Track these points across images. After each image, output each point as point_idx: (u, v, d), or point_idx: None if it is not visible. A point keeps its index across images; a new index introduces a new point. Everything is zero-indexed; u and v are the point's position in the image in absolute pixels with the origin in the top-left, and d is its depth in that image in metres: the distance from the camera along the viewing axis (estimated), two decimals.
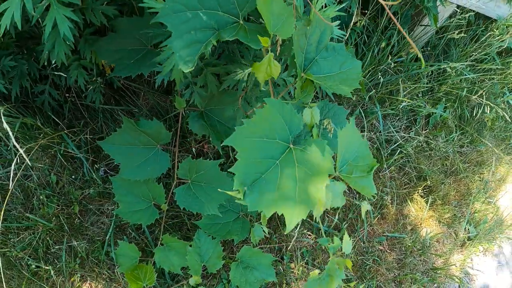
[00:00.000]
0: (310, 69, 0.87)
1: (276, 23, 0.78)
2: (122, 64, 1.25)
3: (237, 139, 0.68)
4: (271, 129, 0.71)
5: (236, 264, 1.48)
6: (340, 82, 0.86)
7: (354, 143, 0.88)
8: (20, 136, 1.59)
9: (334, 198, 0.89)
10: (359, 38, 1.83)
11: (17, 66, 1.39)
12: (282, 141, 0.72)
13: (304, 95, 0.88)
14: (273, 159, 0.71)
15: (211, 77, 1.14)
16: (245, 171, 0.68)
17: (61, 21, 1.00)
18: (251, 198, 0.67)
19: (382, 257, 1.85)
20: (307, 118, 0.84)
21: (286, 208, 0.68)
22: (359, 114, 1.90)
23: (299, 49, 0.85)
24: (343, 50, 0.90)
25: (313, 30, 0.86)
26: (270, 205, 0.68)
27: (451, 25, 2.13)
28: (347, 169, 0.86)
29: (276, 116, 0.71)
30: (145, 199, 1.40)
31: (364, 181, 0.87)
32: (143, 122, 1.29)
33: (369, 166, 0.88)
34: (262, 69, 0.78)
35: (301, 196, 0.69)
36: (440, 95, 2.10)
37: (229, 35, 0.80)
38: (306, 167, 0.71)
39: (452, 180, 2.13)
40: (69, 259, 1.62)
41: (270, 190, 0.69)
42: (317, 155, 0.71)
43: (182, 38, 0.78)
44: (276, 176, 0.70)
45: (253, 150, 0.69)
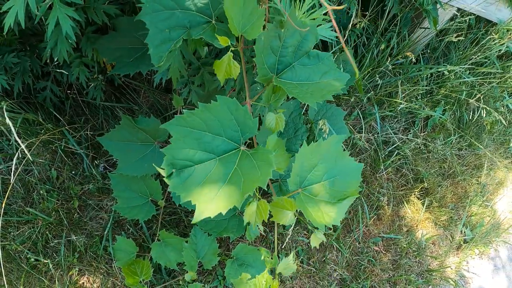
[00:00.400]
0: (285, 74, 0.86)
1: (245, 24, 0.79)
2: (122, 62, 1.28)
3: (174, 125, 0.70)
4: (218, 125, 0.72)
5: (232, 261, 1.50)
6: (312, 91, 0.83)
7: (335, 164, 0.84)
8: (22, 131, 1.62)
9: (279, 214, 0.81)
10: (358, 39, 1.84)
11: (20, 63, 1.41)
12: (230, 140, 0.73)
13: (275, 99, 0.86)
14: (213, 154, 0.72)
15: (208, 76, 1.16)
16: (176, 155, 0.70)
17: (64, 20, 1.02)
18: (175, 181, 0.69)
19: (377, 258, 1.86)
20: (271, 123, 0.83)
21: (202, 201, 0.68)
22: (357, 115, 1.92)
23: (269, 51, 0.84)
24: (328, 60, 0.88)
25: (291, 34, 0.85)
26: (189, 193, 0.69)
27: (451, 28, 2.14)
28: (313, 189, 0.82)
29: (226, 115, 0.72)
30: (143, 195, 1.42)
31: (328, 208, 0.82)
32: (141, 119, 1.32)
33: (345, 194, 0.83)
34: (221, 68, 0.80)
35: (221, 196, 0.69)
36: (439, 97, 2.11)
37: (197, 33, 0.83)
38: (243, 171, 0.71)
39: (449, 182, 2.14)
40: (67, 253, 1.65)
41: (196, 181, 0.70)
42: (259, 164, 0.71)
43: (158, 36, 0.84)
44: (208, 171, 0.71)
45: (189, 139, 0.71)
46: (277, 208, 0.82)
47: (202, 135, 0.72)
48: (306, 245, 1.77)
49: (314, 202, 0.82)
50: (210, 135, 0.72)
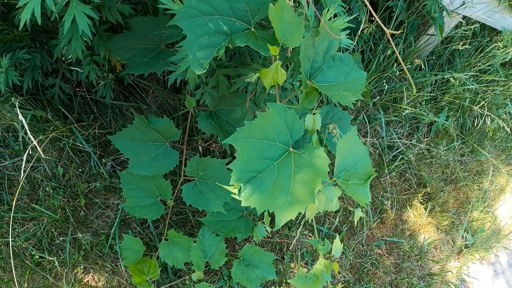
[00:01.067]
0: (316, 77, 0.91)
1: (285, 32, 0.82)
2: (135, 62, 1.29)
3: (238, 139, 0.73)
4: (273, 132, 0.76)
5: (238, 262, 1.52)
6: (343, 91, 0.90)
7: (354, 150, 0.93)
8: (30, 128, 1.62)
9: (328, 203, 0.93)
10: (365, 45, 1.87)
11: (31, 59, 1.41)
12: (282, 144, 0.77)
13: (308, 101, 0.91)
14: (271, 160, 0.76)
15: (222, 78, 1.18)
16: (242, 168, 0.73)
17: (80, 18, 1.03)
18: (246, 194, 0.73)
19: (380, 261, 1.89)
20: (309, 124, 0.88)
21: (277, 207, 0.73)
22: (363, 119, 1.94)
23: (305, 58, 0.89)
24: (349, 60, 0.94)
25: (321, 41, 0.90)
26: (263, 202, 0.73)
27: (457, 35, 2.18)
28: (344, 176, 0.92)
29: (278, 120, 0.76)
30: (152, 194, 1.43)
31: (360, 188, 0.91)
32: (154, 119, 1.33)
33: (366, 174, 0.93)
34: (269, 75, 0.82)
35: (293, 197, 0.74)
36: (443, 104, 2.14)
37: (241, 41, 0.85)
38: (302, 170, 0.75)
39: (452, 188, 2.17)
40: (73, 251, 1.65)
41: (265, 189, 0.74)
42: (314, 161, 0.76)
43: (196, 42, 0.83)
44: (272, 176, 0.75)
45: (252, 150, 0.74)
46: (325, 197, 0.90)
47: (261, 144, 0.75)
48: (311, 247, 1.78)
49: (349, 187, 0.90)
50: (267, 142, 0.76)
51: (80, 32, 1.06)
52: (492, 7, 2.04)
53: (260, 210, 0.72)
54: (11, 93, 1.58)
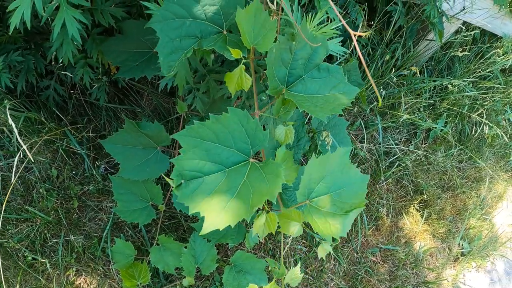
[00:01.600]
0: (295, 86, 0.86)
1: (257, 36, 0.79)
2: (127, 65, 1.27)
3: (184, 137, 0.70)
4: (229, 137, 0.72)
5: (230, 268, 1.50)
6: (322, 104, 0.83)
7: (343, 174, 0.84)
8: (24, 129, 1.61)
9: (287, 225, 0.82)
10: (363, 49, 1.84)
11: (24, 61, 1.40)
12: (240, 152, 0.73)
13: (284, 111, 0.86)
14: (222, 165, 0.72)
15: (213, 83, 1.16)
16: (185, 166, 0.70)
17: (70, 22, 1.01)
18: (184, 192, 0.69)
19: (375, 268, 1.86)
20: (281, 136, 0.83)
21: (210, 213, 0.69)
22: (360, 125, 1.91)
23: (280, 63, 0.84)
24: (338, 73, 0.87)
25: (301, 47, 0.85)
26: (198, 205, 0.69)
27: (456, 41, 2.14)
28: (321, 201, 0.82)
29: (237, 127, 0.72)
30: (143, 199, 1.42)
31: (336, 220, 0.81)
32: (145, 124, 1.31)
33: (351, 205, 0.84)
34: (233, 80, 0.80)
35: (230, 208, 0.69)
36: (441, 110, 2.11)
37: (208, 44, 0.83)
38: (253, 184, 0.71)
39: (449, 195, 2.14)
40: (65, 253, 1.64)
41: (205, 192, 0.70)
42: (268, 177, 0.71)
43: (168, 45, 0.82)
44: (217, 182, 0.71)
45: (199, 150, 0.71)
46: (285, 220, 0.83)
47: (212, 147, 0.72)
48: (304, 254, 1.76)
49: (321, 214, 0.82)
50: (220, 146, 0.72)
51: (70, 37, 1.04)
52: (492, 13, 2.01)
53: (192, 210, 0.69)
54: (5, 95, 1.57)
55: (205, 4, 0.83)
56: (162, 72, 0.85)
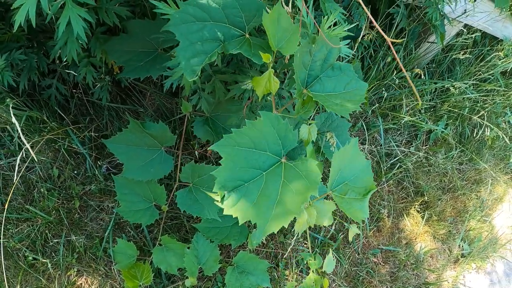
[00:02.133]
0: (313, 86, 0.89)
1: (280, 39, 0.80)
2: (131, 65, 1.26)
3: (224, 146, 0.71)
4: (263, 141, 0.73)
5: (232, 268, 1.49)
6: (341, 102, 0.87)
7: (354, 163, 0.90)
8: (26, 128, 1.60)
9: (321, 217, 0.89)
10: (366, 51, 1.84)
11: (27, 60, 1.39)
12: (273, 155, 0.74)
13: (304, 111, 0.88)
14: (260, 170, 0.73)
15: (219, 84, 1.15)
16: (227, 176, 0.71)
17: (76, 20, 1.00)
18: (229, 203, 0.70)
19: (376, 269, 1.86)
20: (304, 134, 0.85)
21: (260, 219, 0.70)
22: (361, 126, 1.91)
23: (301, 66, 0.86)
24: (349, 70, 0.92)
25: (319, 48, 0.88)
26: (246, 213, 0.70)
27: (457, 43, 2.15)
28: (341, 189, 0.89)
29: (269, 130, 0.73)
30: (146, 199, 1.41)
31: (358, 203, 0.88)
32: (149, 124, 1.30)
33: (366, 189, 0.90)
34: (261, 83, 0.80)
35: (278, 210, 0.71)
36: (442, 112, 2.11)
37: (234, 48, 0.82)
38: (292, 183, 0.73)
39: (449, 196, 2.15)
40: (66, 253, 1.63)
41: (250, 199, 0.71)
42: (305, 173, 0.73)
43: (189, 48, 0.81)
44: (259, 186, 0.72)
45: (239, 158, 0.71)
46: (318, 212, 0.88)
47: (250, 153, 0.73)
48: None
49: (345, 201, 0.87)
50: (257, 151, 0.73)
51: (75, 35, 1.04)
52: (493, 16, 2.02)
53: (243, 220, 0.70)
54: (7, 93, 1.56)
55: (226, 6, 0.82)
56: (185, 77, 0.82)
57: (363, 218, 0.88)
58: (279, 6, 0.77)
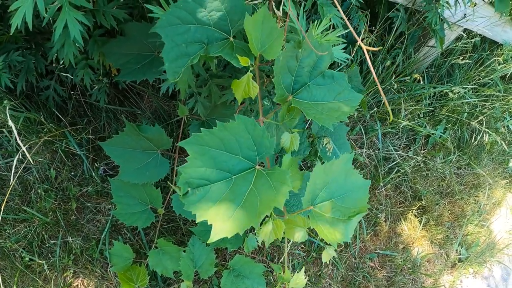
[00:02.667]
0: (300, 93, 0.86)
1: (264, 43, 0.78)
2: (129, 68, 1.26)
3: (192, 144, 0.69)
4: (235, 145, 0.71)
5: (228, 272, 1.48)
6: (328, 112, 0.84)
7: (345, 180, 0.84)
8: (23, 129, 1.59)
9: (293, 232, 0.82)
10: (364, 55, 1.83)
11: (25, 61, 1.38)
12: (246, 160, 0.73)
13: (289, 118, 0.86)
14: (229, 173, 0.72)
15: (215, 88, 1.14)
16: (192, 174, 0.69)
17: (72, 24, 1.00)
18: (190, 200, 0.69)
19: (372, 274, 1.85)
20: (286, 143, 0.83)
21: (217, 221, 0.68)
22: (360, 130, 1.90)
23: (286, 71, 0.84)
24: (343, 80, 0.88)
25: (307, 54, 0.85)
26: (205, 212, 0.68)
27: (457, 48, 2.14)
28: (324, 207, 0.82)
29: (244, 134, 0.71)
30: (142, 202, 1.40)
31: (339, 225, 0.82)
32: (145, 127, 1.30)
33: (354, 210, 0.84)
34: (240, 87, 0.78)
35: (237, 216, 0.69)
36: (441, 117, 2.10)
37: (215, 51, 0.81)
38: (259, 191, 0.71)
39: (447, 201, 2.13)
40: (63, 254, 1.62)
41: (212, 200, 0.69)
42: (275, 184, 0.70)
43: (174, 50, 0.81)
44: (224, 189, 0.70)
45: (206, 158, 0.70)
46: (289, 226, 0.83)
47: (219, 154, 0.71)
48: (303, 259, 1.75)
49: (325, 220, 0.82)
50: (227, 154, 0.72)
51: (71, 39, 1.03)
52: (493, 21, 2.01)
53: (200, 218, 0.68)
54: (5, 94, 1.55)
55: (212, 10, 0.81)
56: (168, 77, 0.83)
57: (340, 241, 0.80)
58: (265, 9, 0.76)
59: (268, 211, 0.68)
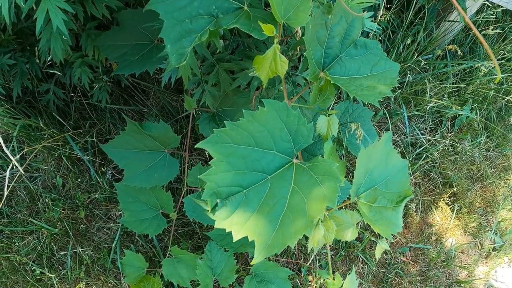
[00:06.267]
0: (332, 68, 0.69)
1: (288, 8, 0.59)
2: (126, 60, 1.07)
3: (215, 144, 0.52)
4: (267, 137, 0.54)
5: (250, 278, 1.29)
6: (368, 87, 0.68)
7: (386, 163, 0.70)
8: (25, 137, 1.43)
9: (342, 230, 0.70)
10: (383, 34, 1.60)
11: (17, 65, 1.22)
12: (281, 154, 0.56)
13: (322, 99, 0.68)
14: (264, 173, 0.54)
15: (224, 74, 0.94)
16: (220, 181, 0.52)
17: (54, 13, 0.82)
18: (223, 214, 0.52)
19: (405, 269, 1.63)
20: (322, 128, 0.66)
21: (260, 235, 0.52)
22: (383, 115, 1.68)
23: (316, 42, 0.66)
24: (377, 48, 0.72)
25: (337, 21, 0.68)
26: (242, 226, 0.52)
27: (478, 21, 1.89)
28: (369, 195, 0.68)
29: (276, 123, 0.54)
30: (152, 207, 1.22)
31: (389, 213, 0.68)
32: (149, 124, 1.11)
33: (400, 195, 0.70)
34: (265, 64, 0.59)
35: (284, 225, 0.53)
36: (467, 96, 1.86)
37: (229, 22, 0.62)
38: (304, 190, 0.54)
39: (479, 186, 1.90)
40: (74, 266, 1.46)
41: (249, 210, 0.53)
42: (321, 178, 0.54)
43: (176, 28, 0.63)
44: (261, 194, 0.54)
45: (236, 159, 0.53)
46: (338, 224, 0.70)
47: (249, 152, 0.54)
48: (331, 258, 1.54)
49: (374, 210, 0.68)
50: (259, 150, 0.55)
51: (54, 29, 0.85)
52: None
53: (238, 236, 0.52)
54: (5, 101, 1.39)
55: None
56: (171, 62, 0.64)
57: (394, 231, 0.68)
58: None
59: (321, 212, 0.52)
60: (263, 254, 0.52)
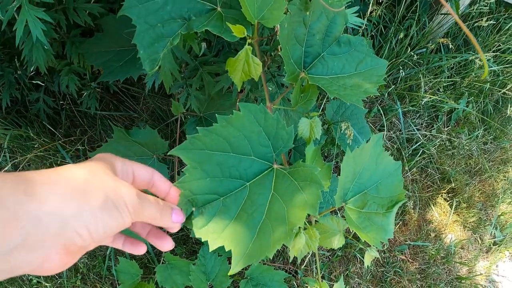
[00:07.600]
0: (314, 68, 0.66)
1: (261, 8, 0.56)
2: (110, 67, 1.04)
3: (187, 150, 0.48)
4: (243, 142, 0.51)
5: (246, 282, 1.26)
6: (352, 86, 0.64)
7: (376, 166, 0.65)
8: (18, 147, 1.41)
9: (327, 238, 0.66)
10: (375, 29, 1.56)
11: (4, 75, 1.20)
12: (260, 159, 0.53)
13: (304, 101, 0.65)
14: (241, 179, 0.51)
15: (208, 77, 0.91)
16: (195, 189, 0.49)
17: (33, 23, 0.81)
18: (198, 222, 0.48)
19: (404, 268, 1.60)
20: (305, 131, 0.63)
21: (237, 245, 0.48)
22: (378, 112, 1.64)
23: (294, 41, 0.62)
24: (362, 44, 0.68)
25: (317, 17, 0.64)
26: (219, 235, 0.49)
27: (472, 12, 1.85)
28: (358, 201, 0.65)
29: (253, 126, 0.51)
30: None
31: (379, 220, 0.65)
32: (135, 131, 1.08)
33: (392, 200, 0.66)
34: (238, 67, 0.56)
35: (263, 234, 0.49)
36: (462, 89, 1.82)
37: (200, 25, 0.59)
38: (284, 197, 0.51)
39: (477, 180, 1.86)
40: (70, 274, 1.43)
41: (226, 218, 0.50)
42: (302, 185, 0.51)
43: (148, 33, 0.60)
44: (240, 201, 0.51)
45: (210, 166, 0.50)
46: (323, 232, 0.66)
47: (225, 158, 0.51)
48: (327, 259, 1.51)
49: (362, 216, 0.64)
50: (236, 156, 0.51)
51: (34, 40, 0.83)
52: None
53: (215, 245, 0.48)
54: None
55: None
56: (144, 68, 0.62)
57: (384, 239, 0.64)
58: None
59: (302, 220, 0.48)
60: (240, 264, 0.48)
